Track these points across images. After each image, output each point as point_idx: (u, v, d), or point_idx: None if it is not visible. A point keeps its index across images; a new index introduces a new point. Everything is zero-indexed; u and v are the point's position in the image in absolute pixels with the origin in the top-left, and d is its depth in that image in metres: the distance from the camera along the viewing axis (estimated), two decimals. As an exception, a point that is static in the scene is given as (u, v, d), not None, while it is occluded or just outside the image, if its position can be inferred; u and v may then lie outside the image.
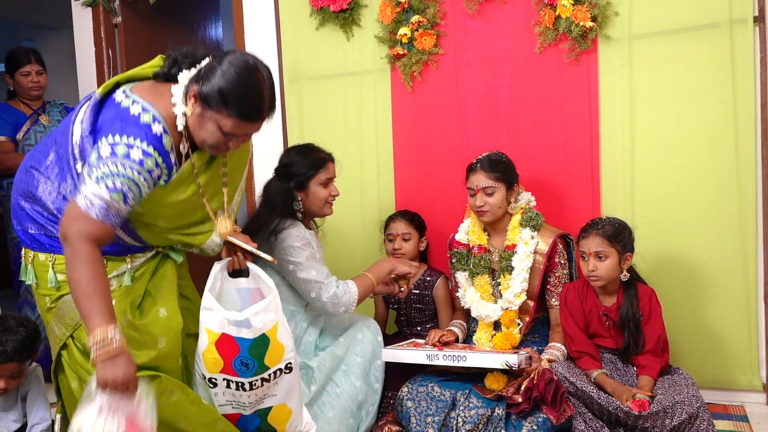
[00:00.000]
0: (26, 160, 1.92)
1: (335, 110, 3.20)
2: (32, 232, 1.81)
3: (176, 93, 1.71)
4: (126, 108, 1.66)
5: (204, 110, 1.68)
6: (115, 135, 1.60)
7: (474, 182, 2.47)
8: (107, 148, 1.59)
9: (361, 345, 2.39)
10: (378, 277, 2.41)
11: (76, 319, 1.77)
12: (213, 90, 1.65)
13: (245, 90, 1.67)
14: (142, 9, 3.89)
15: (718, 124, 2.57)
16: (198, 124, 1.70)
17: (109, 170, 1.58)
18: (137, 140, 1.61)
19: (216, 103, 1.66)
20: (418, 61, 2.97)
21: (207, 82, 1.66)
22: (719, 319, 2.62)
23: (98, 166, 1.59)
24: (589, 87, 2.73)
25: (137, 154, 1.61)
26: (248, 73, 1.67)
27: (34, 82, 3.37)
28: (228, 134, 1.71)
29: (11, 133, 3.33)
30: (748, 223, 2.55)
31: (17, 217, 1.87)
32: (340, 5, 3.06)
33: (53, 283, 1.77)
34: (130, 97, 1.68)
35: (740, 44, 2.52)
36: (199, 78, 1.68)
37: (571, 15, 2.66)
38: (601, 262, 2.26)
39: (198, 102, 1.68)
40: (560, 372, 2.20)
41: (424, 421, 2.21)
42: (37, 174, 1.81)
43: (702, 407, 2.07)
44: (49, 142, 1.86)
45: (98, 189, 1.58)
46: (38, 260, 1.80)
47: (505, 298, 2.44)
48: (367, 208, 3.13)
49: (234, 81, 1.65)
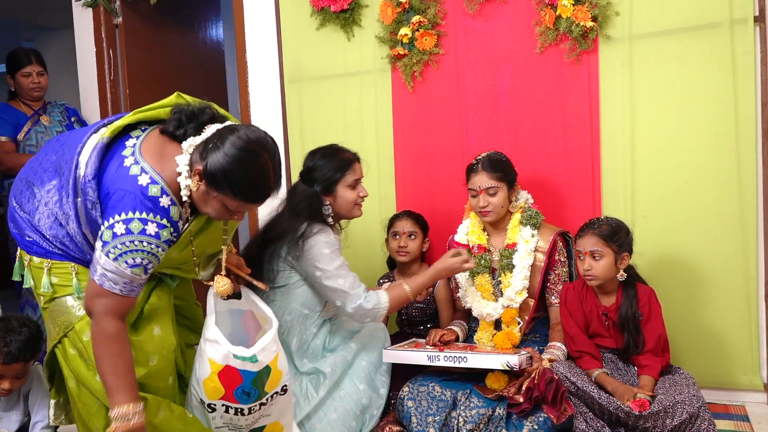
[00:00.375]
0: (26, 171, 1.90)
1: (336, 110, 3.20)
2: (29, 239, 1.82)
3: (181, 164, 1.68)
4: (134, 177, 1.64)
5: (209, 189, 1.67)
6: (128, 212, 1.61)
7: (476, 183, 2.47)
8: (121, 226, 1.60)
9: (369, 350, 2.39)
10: (416, 290, 2.32)
11: (68, 321, 1.79)
12: (217, 172, 1.63)
13: (250, 176, 1.66)
14: (143, 9, 3.89)
15: (718, 124, 2.57)
16: (203, 200, 1.71)
17: (127, 248, 1.60)
18: (150, 214, 1.62)
19: (221, 186, 1.65)
20: (418, 62, 2.97)
21: (212, 164, 1.63)
22: (720, 319, 2.62)
23: (115, 245, 1.60)
24: (590, 87, 2.73)
25: (153, 229, 1.63)
26: (253, 158, 1.66)
27: (35, 83, 3.38)
28: (232, 212, 1.74)
29: (12, 134, 3.34)
30: (749, 222, 2.55)
31: (14, 221, 1.87)
32: (340, 5, 3.06)
33: (47, 288, 1.79)
34: (139, 163, 1.66)
35: (741, 44, 2.52)
36: (203, 155, 1.66)
37: (571, 15, 2.66)
38: (596, 261, 2.26)
39: (203, 181, 1.67)
40: (561, 371, 2.20)
41: (425, 421, 2.21)
42: (36, 194, 1.81)
43: (703, 407, 2.07)
44: (50, 165, 1.82)
45: (118, 267, 1.61)
46: (33, 263, 1.82)
47: (507, 296, 2.45)
48: (367, 208, 3.11)
49: (239, 166, 1.63)
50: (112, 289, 1.62)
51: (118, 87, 3.86)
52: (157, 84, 4.07)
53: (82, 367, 1.80)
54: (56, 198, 1.76)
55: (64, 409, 2.01)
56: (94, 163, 1.67)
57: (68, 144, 1.81)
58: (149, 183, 1.64)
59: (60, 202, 1.75)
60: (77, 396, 1.86)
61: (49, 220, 1.77)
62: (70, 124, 3.48)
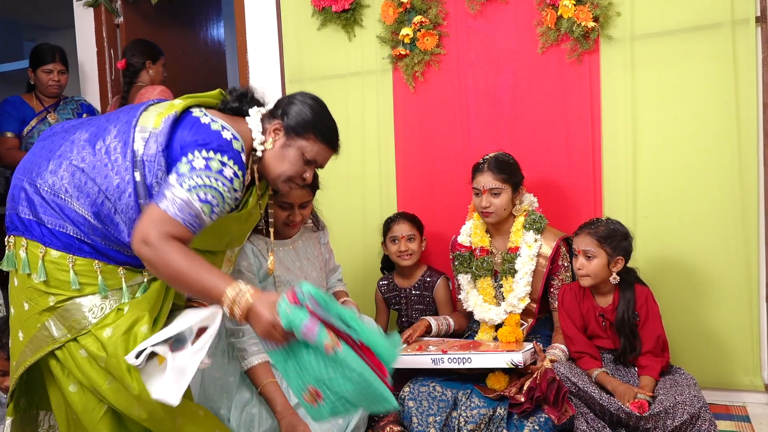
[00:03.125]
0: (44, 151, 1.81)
1: (337, 111, 3.12)
2: (50, 226, 1.73)
3: (254, 124, 1.79)
4: (217, 131, 1.69)
5: (288, 139, 1.79)
6: (210, 150, 1.66)
7: (480, 183, 2.46)
8: (201, 161, 1.64)
9: None
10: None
11: (83, 323, 1.72)
12: (300, 118, 1.79)
13: (327, 118, 1.86)
14: (144, 9, 3.90)
15: (720, 125, 2.56)
16: (279, 155, 1.80)
17: (203, 182, 1.63)
18: (230, 161, 1.67)
19: (303, 130, 1.79)
20: (420, 62, 2.97)
21: (293, 114, 1.79)
22: (721, 320, 2.61)
23: (191, 177, 1.63)
24: (591, 87, 2.73)
25: (229, 172, 1.67)
26: (325, 107, 1.88)
27: (54, 80, 3.41)
28: (309, 162, 1.82)
29: (17, 129, 3.35)
30: (751, 223, 2.55)
31: (30, 204, 1.75)
32: (342, 5, 3.06)
33: (76, 285, 1.72)
34: (217, 121, 1.72)
35: (742, 44, 2.52)
36: (278, 113, 1.80)
37: (572, 15, 2.66)
38: (588, 261, 2.27)
39: (282, 132, 1.79)
40: (562, 372, 2.20)
41: (426, 421, 2.20)
42: (69, 172, 1.73)
43: (704, 407, 2.07)
44: (86, 142, 1.75)
45: (190, 197, 1.62)
46: (50, 257, 1.72)
47: (509, 302, 2.44)
48: (368, 208, 3.13)
49: (318, 110, 1.83)
50: (176, 216, 1.61)
51: (119, 87, 3.87)
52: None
53: (94, 370, 1.73)
54: (105, 174, 1.70)
55: (20, 428, 1.91)
56: (164, 136, 1.69)
57: (107, 122, 1.78)
58: (233, 138, 1.70)
59: (108, 178, 1.70)
60: (77, 402, 1.77)
61: (89, 199, 1.71)
62: None
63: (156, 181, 1.69)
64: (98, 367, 1.73)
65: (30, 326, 1.76)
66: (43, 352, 1.74)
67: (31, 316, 1.76)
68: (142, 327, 1.72)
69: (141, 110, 1.78)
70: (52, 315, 1.74)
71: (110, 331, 1.70)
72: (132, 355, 1.65)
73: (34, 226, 1.74)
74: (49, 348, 1.74)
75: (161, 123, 1.71)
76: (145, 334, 1.70)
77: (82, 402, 1.78)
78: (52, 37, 5.40)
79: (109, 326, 1.71)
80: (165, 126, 1.70)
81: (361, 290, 2.98)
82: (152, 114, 1.76)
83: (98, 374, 1.73)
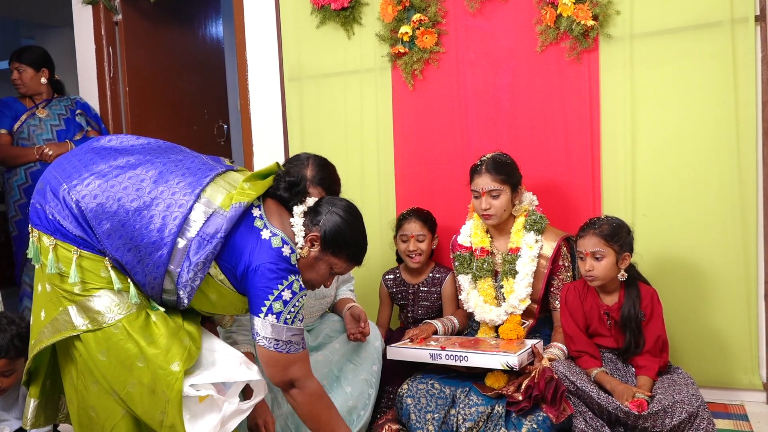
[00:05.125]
0: (101, 173, 1.73)
1: (336, 109, 3.20)
2: (80, 237, 1.71)
3: (298, 231, 1.83)
4: (278, 249, 1.76)
5: (323, 253, 1.85)
6: (285, 279, 1.75)
7: (479, 185, 2.45)
8: (288, 292, 1.74)
9: (356, 352, 2.37)
10: None
11: (106, 320, 1.71)
12: (337, 237, 1.83)
13: (361, 237, 1.91)
14: (143, 7, 3.89)
15: (719, 123, 2.56)
16: (310, 265, 1.86)
17: (296, 308, 1.77)
18: (297, 276, 1.78)
19: (338, 249, 1.85)
20: (419, 60, 2.97)
21: (329, 229, 1.83)
22: (720, 318, 2.61)
23: (289, 310, 1.75)
24: (590, 86, 2.72)
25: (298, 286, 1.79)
26: (361, 222, 1.92)
27: (14, 79, 3.44)
28: (334, 274, 1.91)
29: (9, 126, 3.37)
30: (749, 221, 2.55)
31: (61, 212, 1.71)
32: (341, 3, 3.06)
33: (117, 284, 1.71)
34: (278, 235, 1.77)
35: (741, 43, 2.52)
36: (316, 221, 1.84)
37: (572, 14, 2.66)
38: (598, 262, 2.26)
39: (318, 245, 1.83)
40: (560, 371, 2.20)
41: (424, 419, 2.20)
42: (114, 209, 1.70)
43: (702, 406, 2.07)
44: (148, 185, 1.72)
45: (296, 327, 1.78)
46: (86, 256, 1.71)
47: (510, 303, 2.44)
48: (367, 207, 3.12)
49: (355, 230, 1.87)
50: (297, 350, 1.78)
51: (117, 85, 3.86)
52: (157, 82, 4.08)
53: (112, 371, 1.72)
54: (147, 226, 1.68)
55: (45, 411, 1.93)
56: (230, 222, 1.72)
57: (172, 174, 1.75)
58: (290, 253, 1.78)
59: (149, 230, 1.68)
60: (98, 401, 1.76)
61: (119, 241, 1.69)
62: (71, 119, 3.48)
63: (203, 260, 1.69)
64: (119, 369, 1.71)
65: (51, 308, 1.76)
66: (61, 336, 1.73)
67: (52, 299, 1.76)
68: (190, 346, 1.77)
69: (209, 180, 1.76)
70: (73, 303, 1.73)
71: (150, 337, 1.72)
72: (187, 385, 1.71)
73: (66, 231, 1.72)
74: (68, 333, 1.72)
75: (231, 208, 1.73)
76: (192, 354, 1.76)
77: (101, 402, 1.77)
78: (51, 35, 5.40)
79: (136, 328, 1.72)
80: (234, 214, 1.73)
81: (360, 288, 2.98)
82: (221, 190, 1.76)
83: (117, 375, 1.72)
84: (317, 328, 2.45)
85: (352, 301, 2.53)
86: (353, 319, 2.38)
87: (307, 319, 2.43)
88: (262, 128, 3.43)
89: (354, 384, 2.31)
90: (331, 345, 2.37)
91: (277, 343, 1.75)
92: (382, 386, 2.43)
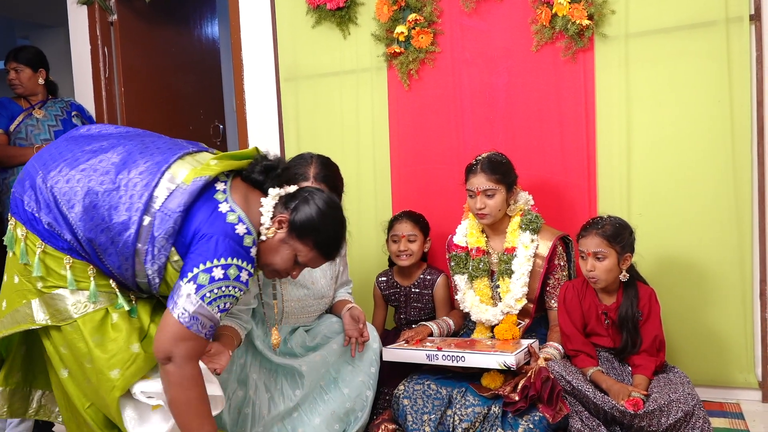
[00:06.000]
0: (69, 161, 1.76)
1: (332, 109, 3.20)
2: (49, 228, 1.73)
3: (266, 210, 1.76)
4: (231, 225, 1.68)
5: (288, 237, 1.76)
6: (228, 257, 1.66)
7: (474, 184, 2.44)
8: (220, 270, 1.64)
9: (356, 354, 2.37)
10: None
11: (66, 314, 1.74)
12: (306, 221, 1.75)
13: (333, 232, 1.81)
14: (138, 7, 3.88)
15: (714, 122, 2.57)
16: (274, 249, 1.77)
17: (223, 292, 1.65)
18: (244, 263, 1.68)
19: (304, 234, 1.76)
20: (415, 60, 2.97)
21: (302, 214, 1.75)
22: (715, 317, 2.62)
23: (212, 290, 1.64)
24: (586, 85, 2.73)
25: (245, 276, 1.69)
26: (339, 217, 1.83)
27: (12, 79, 3.42)
28: (298, 264, 1.81)
29: (5, 126, 3.36)
30: (744, 220, 2.56)
31: (36, 200, 1.74)
32: (336, 3, 3.06)
33: (72, 285, 1.74)
34: (235, 212, 1.70)
35: (736, 42, 2.52)
36: (289, 205, 1.77)
37: (567, 13, 2.66)
38: (600, 262, 2.25)
39: (285, 228, 1.76)
40: (556, 370, 2.20)
41: (421, 419, 2.20)
42: (82, 191, 1.71)
43: (698, 405, 2.08)
44: (112, 166, 1.73)
45: (211, 311, 1.65)
46: (49, 252, 1.74)
47: (506, 303, 2.44)
48: (363, 207, 3.13)
49: (327, 219, 1.77)
50: (199, 332, 1.65)
51: (113, 85, 3.85)
52: (153, 82, 4.07)
53: (69, 359, 1.77)
54: (116, 206, 1.69)
55: (9, 400, 1.94)
56: (189, 196, 1.68)
57: (141, 154, 1.75)
58: (245, 233, 1.69)
59: (117, 210, 1.69)
60: (67, 383, 1.81)
61: (91, 223, 1.70)
62: (68, 119, 3.47)
63: (164, 236, 1.68)
64: (77, 364, 1.76)
65: (15, 299, 1.79)
66: (19, 328, 1.77)
67: (19, 290, 1.79)
68: (133, 345, 1.76)
69: (176, 157, 1.76)
70: (37, 297, 1.77)
71: (99, 338, 1.73)
72: (139, 390, 1.71)
73: (37, 222, 1.74)
74: (26, 326, 1.77)
75: (191, 182, 1.70)
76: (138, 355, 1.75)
77: (71, 388, 1.81)
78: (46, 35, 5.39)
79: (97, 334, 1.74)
80: (194, 187, 1.70)
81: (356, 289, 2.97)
82: (187, 166, 1.75)
83: (76, 369, 1.76)
84: (315, 329, 2.44)
85: (352, 303, 2.52)
86: (353, 320, 2.37)
87: (305, 319, 2.43)
88: (258, 128, 3.42)
89: (352, 386, 2.31)
90: (328, 346, 2.36)
91: (183, 313, 1.63)
92: (378, 387, 2.43)
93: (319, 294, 2.42)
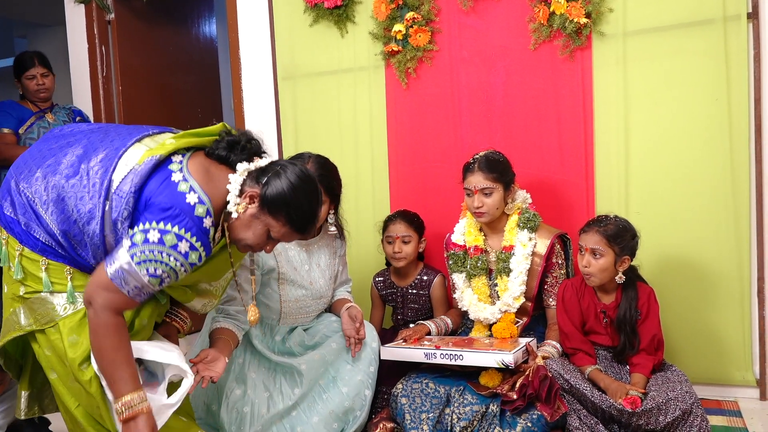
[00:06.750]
0: (36, 158, 1.80)
1: (330, 107, 3.19)
2: (26, 228, 1.76)
3: (233, 186, 1.72)
4: (182, 194, 1.65)
5: (260, 212, 1.72)
6: (168, 223, 1.61)
7: (472, 183, 2.44)
8: (156, 234, 1.60)
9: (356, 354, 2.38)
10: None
11: (48, 317, 1.75)
12: (278, 196, 1.70)
13: (306, 207, 1.74)
14: (136, 6, 3.88)
15: (712, 121, 2.57)
16: (246, 224, 1.73)
17: (154, 257, 1.60)
18: (188, 233, 1.63)
19: (276, 209, 1.70)
20: (412, 58, 2.97)
21: (273, 188, 1.70)
22: (713, 316, 2.62)
23: (143, 250, 1.60)
24: (584, 83, 2.73)
25: (184, 247, 1.63)
26: (313, 191, 1.76)
27: (39, 84, 3.42)
28: (272, 239, 1.76)
29: (15, 127, 3.38)
30: (742, 218, 2.56)
31: (13, 206, 1.77)
32: (334, 2, 3.05)
33: (48, 288, 1.75)
34: (188, 181, 1.67)
35: (734, 40, 2.52)
36: (260, 180, 1.71)
37: (565, 11, 2.66)
38: (596, 259, 2.25)
39: (256, 203, 1.71)
40: (555, 369, 2.20)
41: (419, 418, 2.20)
42: (51, 185, 1.74)
43: (696, 403, 2.08)
44: (76, 159, 1.75)
45: (137, 270, 1.61)
46: (26, 255, 1.76)
47: (504, 301, 2.44)
48: (361, 206, 3.13)
49: (300, 195, 1.71)
50: (121, 287, 1.62)
51: (110, 84, 3.85)
52: (150, 81, 4.07)
53: (56, 363, 1.78)
54: (81, 196, 1.70)
55: (38, 400, 1.97)
56: (140, 177, 1.67)
57: (101, 142, 1.76)
58: (197, 203, 1.65)
59: (83, 200, 1.70)
60: (58, 386, 1.82)
61: (63, 216, 1.72)
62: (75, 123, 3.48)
63: (120, 219, 1.66)
64: (62, 365, 1.76)
65: (7, 308, 1.82)
66: (10, 336, 1.79)
67: (8, 299, 1.82)
68: None
69: (133, 140, 1.75)
70: (22, 304, 1.79)
71: (75, 338, 1.73)
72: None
73: (15, 224, 1.77)
74: (15, 333, 1.78)
75: (143, 163, 1.69)
76: None
77: (62, 386, 1.81)
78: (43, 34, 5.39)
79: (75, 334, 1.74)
80: (145, 168, 1.67)
81: (356, 288, 2.98)
82: (143, 148, 1.74)
83: (61, 370, 1.77)
84: (314, 328, 2.44)
85: (351, 302, 2.52)
86: (350, 320, 2.37)
87: (304, 318, 2.43)
88: (256, 127, 3.41)
89: (351, 385, 2.31)
90: (327, 345, 2.36)
91: (112, 264, 1.61)
92: (376, 386, 2.43)
93: (317, 294, 2.42)
